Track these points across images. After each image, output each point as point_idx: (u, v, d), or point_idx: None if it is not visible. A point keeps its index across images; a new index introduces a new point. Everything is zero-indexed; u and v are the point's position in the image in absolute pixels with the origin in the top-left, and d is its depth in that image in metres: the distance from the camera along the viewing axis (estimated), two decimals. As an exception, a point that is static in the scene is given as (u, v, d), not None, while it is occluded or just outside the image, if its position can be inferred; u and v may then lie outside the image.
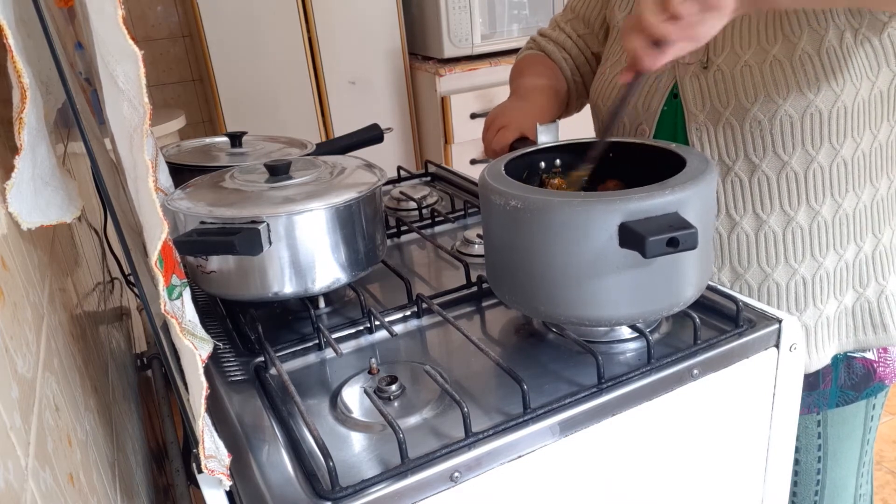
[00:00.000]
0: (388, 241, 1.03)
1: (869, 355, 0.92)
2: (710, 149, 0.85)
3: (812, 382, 0.92)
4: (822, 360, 0.90)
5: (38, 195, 0.55)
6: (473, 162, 2.58)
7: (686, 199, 0.61)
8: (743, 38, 0.82)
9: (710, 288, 0.76)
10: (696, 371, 0.68)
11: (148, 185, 0.49)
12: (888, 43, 0.78)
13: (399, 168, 1.34)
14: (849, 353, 0.92)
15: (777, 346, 0.72)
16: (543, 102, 1.00)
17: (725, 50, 0.83)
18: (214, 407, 0.67)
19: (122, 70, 0.48)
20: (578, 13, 1.09)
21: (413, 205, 1.13)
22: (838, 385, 0.93)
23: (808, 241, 0.86)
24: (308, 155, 1.06)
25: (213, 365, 0.73)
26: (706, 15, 0.66)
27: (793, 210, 0.84)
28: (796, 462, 0.97)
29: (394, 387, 0.65)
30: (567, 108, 1.10)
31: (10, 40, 0.49)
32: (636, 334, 0.72)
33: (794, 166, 0.82)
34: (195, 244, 0.70)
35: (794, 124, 0.80)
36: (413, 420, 0.62)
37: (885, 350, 0.92)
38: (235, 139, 1.12)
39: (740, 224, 0.87)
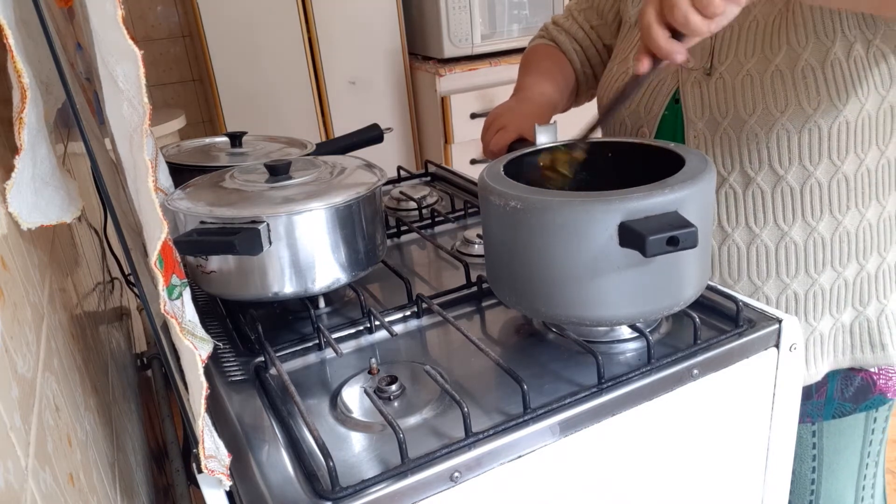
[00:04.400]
0: (388, 241, 1.03)
1: (870, 368, 0.90)
2: None
3: (806, 392, 0.90)
4: (813, 376, 0.89)
5: (38, 195, 0.55)
6: (473, 162, 2.58)
7: (686, 197, 0.61)
8: (748, 45, 0.81)
9: (709, 288, 0.76)
10: (696, 371, 0.68)
11: (148, 184, 0.49)
12: None
13: (399, 168, 1.34)
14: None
15: (777, 346, 0.72)
16: (543, 103, 1.00)
17: (729, 58, 0.82)
18: (214, 407, 0.67)
19: (122, 70, 0.48)
20: (593, 3, 1.07)
21: (413, 205, 1.13)
22: (834, 397, 0.92)
23: (802, 257, 0.84)
24: (308, 155, 1.06)
25: (213, 365, 0.73)
26: (730, 4, 0.63)
27: (787, 225, 0.83)
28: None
29: (394, 387, 0.65)
30: (577, 98, 1.10)
31: (11, 40, 0.49)
32: (636, 334, 0.72)
33: (790, 181, 0.81)
34: (195, 244, 0.70)
35: (791, 139, 0.79)
36: (413, 420, 0.62)
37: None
38: (235, 139, 1.12)
39: (732, 236, 0.85)
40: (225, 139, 1.17)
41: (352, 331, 0.78)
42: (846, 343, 0.89)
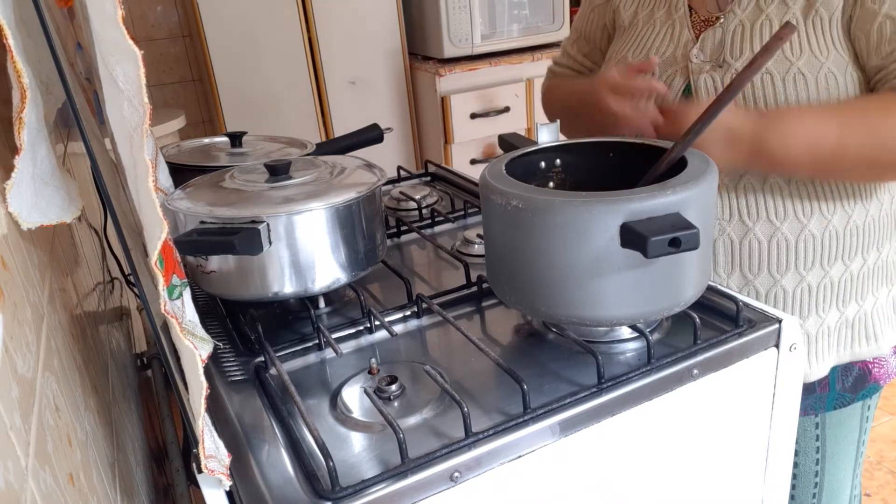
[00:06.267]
0: (388, 241, 1.02)
1: (865, 359, 0.93)
2: None
3: (808, 387, 0.92)
4: (821, 370, 0.91)
5: (38, 195, 0.55)
6: (473, 162, 2.58)
7: (687, 199, 0.61)
8: (762, 43, 0.81)
9: (710, 288, 0.76)
10: (696, 371, 0.68)
11: (148, 184, 0.49)
12: None
13: (399, 168, 1.34)
14: None
15: (777, 345, 0.72)
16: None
17: (744, 53, 0.83)
18: (214, 407, 0.67)
19: (122, 70, 0.48)
20: (581, 32, 1.10)
21: (413, 205, 1.13)
22: (836, 388, 0.93)
23: (819, 250, 0.86)
24: (308, 155, 1.06)
25: (213, 365, 0.73)
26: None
27: (805, 218, 0.85)
28: (794, 464, 0.97)
29: (394, 387, 0.65)
30: None
31: (10, 40, 0.49)
32: (636, 334, 0.72)
33: None
34: (195, 244, 0.70)
35: None
36: (413, 420, 0.62)
37: None
38: (235, 139, 1.12)
39: (753, 230, 0.86)
40: (225, 139, 1.17)
41: (352, 331, 0.78)
42: (847, 337, 0.91)
